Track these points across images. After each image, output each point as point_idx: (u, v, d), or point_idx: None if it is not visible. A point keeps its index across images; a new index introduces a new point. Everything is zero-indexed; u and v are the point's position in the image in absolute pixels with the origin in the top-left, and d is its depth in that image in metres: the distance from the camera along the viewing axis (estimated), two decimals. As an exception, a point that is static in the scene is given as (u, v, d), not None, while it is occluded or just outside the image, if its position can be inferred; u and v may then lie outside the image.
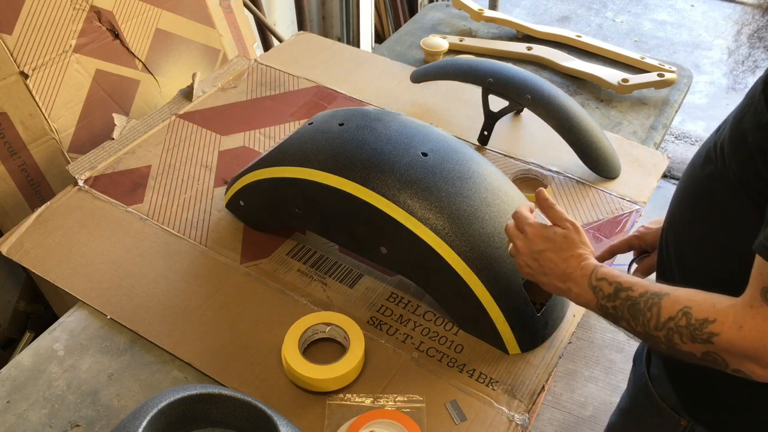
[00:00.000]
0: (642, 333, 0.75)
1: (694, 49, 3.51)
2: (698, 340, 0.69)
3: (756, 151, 0.68)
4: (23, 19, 1.39)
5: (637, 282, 0.77)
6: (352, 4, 2.67)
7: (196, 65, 1.76)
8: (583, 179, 1.37)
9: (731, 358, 0.68)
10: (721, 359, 0.69)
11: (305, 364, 0.97)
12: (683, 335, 0.70)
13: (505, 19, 1.87)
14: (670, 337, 0.72)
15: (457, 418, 0.95)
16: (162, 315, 1.08)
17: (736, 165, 0.71)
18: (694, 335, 0.69)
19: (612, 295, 0.78)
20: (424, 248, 1.00)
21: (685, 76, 1.76)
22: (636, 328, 0.76)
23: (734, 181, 0.72)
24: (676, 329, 0.71)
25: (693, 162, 0.83)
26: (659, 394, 0.94)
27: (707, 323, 0.68)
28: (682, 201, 0.84)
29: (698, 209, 0.80)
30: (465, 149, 1.10)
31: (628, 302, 0.76)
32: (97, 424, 0.95)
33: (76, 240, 1.21)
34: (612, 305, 0.78)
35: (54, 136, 1.47)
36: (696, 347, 0.70)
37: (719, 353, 0.69)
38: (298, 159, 1.10)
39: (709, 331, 0.68)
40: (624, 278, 0.78)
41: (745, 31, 0.73)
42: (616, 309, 0.77)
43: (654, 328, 0.73)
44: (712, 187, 0.77)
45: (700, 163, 0.80)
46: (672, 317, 0.71)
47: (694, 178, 0.81)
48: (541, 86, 1.34)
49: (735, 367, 0.69)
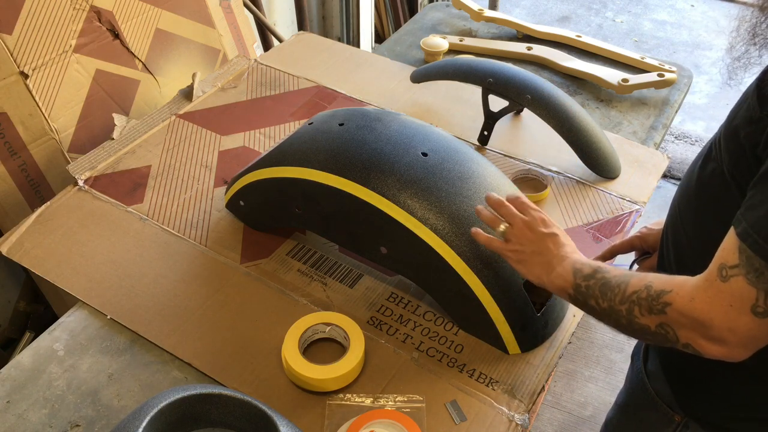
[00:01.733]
0: (606, 309, 0.79)
1: (694, 49, 3.51)
2: (654, 310, 0.73)
3: (747, 145, 0.70)
4: (23, 19, 1.39)
5: (615, 268, 0.83)
6: (352, 4, 2.67)
7: (196, 65, 1.76)
8: (583, 179, 1.37)
9: (681, 330, 0.71)
10: (672, 332, 0.72)
11: (305, 364, 0.97)
12: (642, 307, 0.74)
13: (505, 19, 1.87)
14: (630, 309, 0.76)
15: (457, 418, 0.95)
16: (162, 315, 1.08)
17: (729, 160, 0.73)
18: (651, 306, 0.73)
19: (589, 275, 0.83)
20: (424, 248, 1.00)
21: (685, 76, 1.76)
22: (602, 305, 0.80)
23: (728, 176, 0.74)
24: (637, 301, 0.75)
25: (694, 162, 0.84)
26: (655, 390, 0.96)
27: (664, 293, 0.72)
28: (683, 200, 0.85)
29: (699, 208, 0.80)
30: (465, 149, 1.10)
31: (601, 281, 0.81)
32: (97, 424, 0.95)
33: (76, 240, 1.21)
34: (586, 284, 0.82)
35: (54, 136, 1.47)
36: (651, 319, 0.74)
37: (671, 324, 0.72)
38: (298, 159, 1.10)
39: (664, 300, 0.72)
40: (604, 264, 0.84)
41: (743, 28, 0.74)
42: (588, 288, 0.82)
43: (619, 302, 0.77)
44: (712, 186, 0.78)
45: (700, 162, 0.81)
46: (636, 291, 0.76)
47: (695, 177, 0.82)
48: (541, 86, 1.34)
49: (684, 341, 0.72)
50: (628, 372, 1.08)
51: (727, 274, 0.67)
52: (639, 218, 1.30)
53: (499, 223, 0.94)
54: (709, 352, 0.70)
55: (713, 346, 0.69)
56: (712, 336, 0.69)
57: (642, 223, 1.09)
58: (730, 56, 0.76)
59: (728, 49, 0.76)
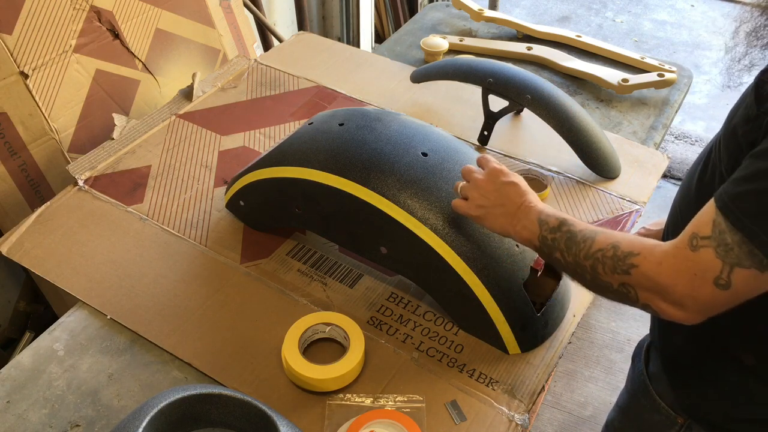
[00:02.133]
0: (571, 263, 0.80)
1: (694, 49, 3.51)
2: (618, 270, 0.74)
3: (744, 143, 0.71)
4: (23, 19, 1.39)
5: (581, 222, 0.83)
6: (352, 4, 2.67)
7: (196, 65, 1.76)
8: (583, 179, 1.37)
9: (643, 291, 0.73)
10: (633, 292, 0.74)
11: (305, 364, 0.97)
12: (606, 265, 0.76)
13: (505, 19, 1.87)
14: (594, 266, 0.77)
15: (457, 418, 0.95)
16: (162, 315, 1.08)
17: (728, 159, 0.74)
18: (615, 266, 0.75)
19: (555, 228, 0.84)
20: (424, 248, 1.00)
21: (685, 76, 1.76)
22: (567, 258, 0.81)
23: (726, 176, 0.74)
24: (602, 259, 0.76)
25: (695, 163, 0.84)
26: (657, 392, 0.95)
27: (631, 255, 0.73)
28: (683, 201, 0.85)
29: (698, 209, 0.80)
30: (465, 149, 1.10)
31: (567, 234, 0.82)
32: (97, 424, 0.95)
33: (76, 240, 1.21)
34: (552, 237, 0.83)
35: (54, 136, 1.47)
36: (614, 278, 0.75)
37: (633, 285, 0.73)
38: (298, 159, 1.10)
39: (630, 262, 0.73)
40: (570, 217, 0.85)
41: (742, 29, 0.74)
42: (554, 240, 0.83)
43: (583, 257, 0.78)
44: (713, 187, 0.77)
45: (701, 162, 0.81)
46: (601, 248, 0.77)
47: (695, 179, 0.82)
48: (541, 86, 1.34)
49: (644, 301, 0.73)
50: (629, 373, 1.08)
51: (697, 244, 0.68)
52: (639, 218, 1.30)
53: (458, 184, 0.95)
54: (666, 314, 0.72)
55: (672, 309, 0.71)
56: (672, 300, 0.70)
57: (642, 223, 1.09)
58: (730, 58, 0.76)
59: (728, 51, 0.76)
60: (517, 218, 0.89)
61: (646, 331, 1.02)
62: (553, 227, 0.84)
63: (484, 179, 0.92)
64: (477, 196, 0.92)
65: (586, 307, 1.13)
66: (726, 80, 0.79)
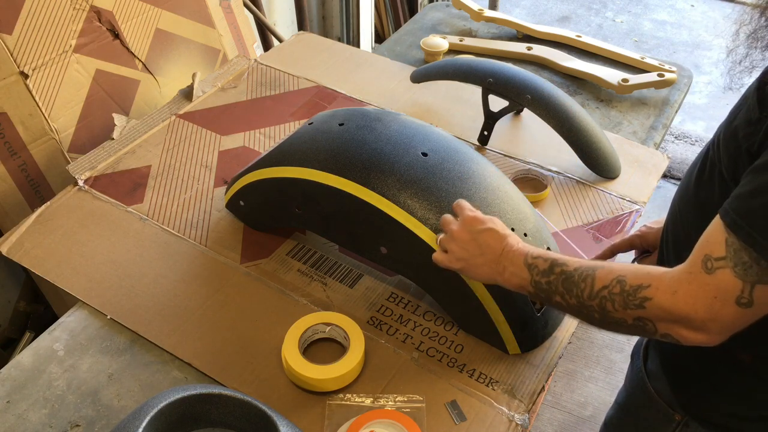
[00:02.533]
0: (575, 305, 0.77)
1: (694, 49, 3.51)
2: (630, 305, 0.71)
3: (744, 146, 0.70)
4: (23, 19, 1.39)
5: (571, 258, 0.80)
6: (352, 4, 2.67)
7: (196, 65, 1.76)
8: (583, 179, 1.37)
9: (661, 323, 0.70)
10: (651, 325, 0.71)
11: (305, 364, 0.97)
12: (616, 302, 0.73)
13: (505, 19, 1.87)
14: (602, 305, 0.74)
15: (457, 418, 0.95)
16: (162, 315, 1.08)
17: (728, 161, 0.73)
18: (627, 301, 0.72)
19: (547, 271, 0.80)
20: (424, 248, 1.00)
21: (685, 76, 1.76)
22: (569, 301, 0.77)
23: (726, 177, 0.74)
24: (609, 297, 0.73)
25: (694, 162, 0.84)
26: (655, 390, 0.96)
27: (641, 288, 0.70)
28: (682, 201, 0.85)
29: (698, 208, 0.81)
30: (465, 149, 1.10)
31: (562, 276, 0.78)
32: (97, 424, 0.95)
33: (76, 240, 1.21)
34: (546, 280, 0.80)
35: (54, 136, 1.47)
36: (628, 314, 0.72)
37: (650, 318, 0.71)
38: (298, 159, 1.10)
39: (642, 296, 0.70)
40: (558, 255, 0.81)
41: (743, 31, 0.74)
42: (550, 284, 0.79)
43: (588, 297, 0.75)
44: (711, 186, 0.78)
45: (699, 163, 0.81)
46: (606, 285, 0.73)
47: (694, 178, 0.82)
48: (541, 86, 1.34)
49: (664, 331, 0.71)
50: (628, 371, 1.08)
51: (712, 266, 0.66)
52: (639, 218, 1.30)
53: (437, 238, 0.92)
54: (688, 340, 0.70)
55: (694, 335, 0.69)
56: (694, 326, 0.68)
57: (642, 223, 1.09)
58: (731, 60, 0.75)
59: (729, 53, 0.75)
60: (503, 266, 0.85)
61: (646, 331, 1.02)
62: (545, 270, 0.80)
63: (459, 230, 0.88)
64: (456, 248, 0.88)
65: (586, 307, 1.13)
66: (728, 82, 0.78)
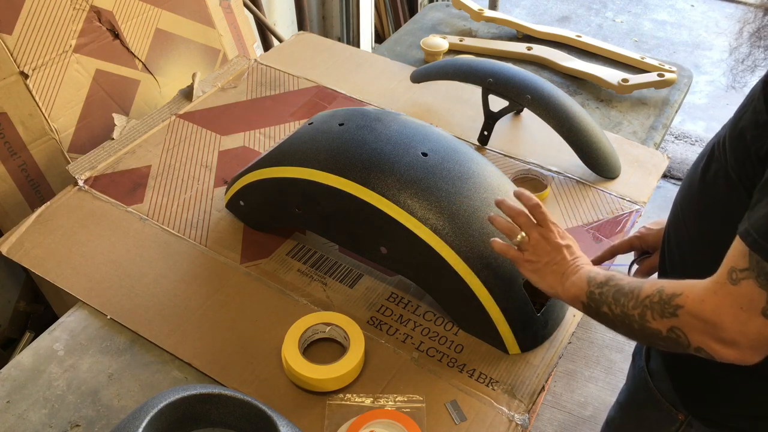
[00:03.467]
0: (619, 315, 0.79)
1: (694, 49, 3.51)
2: (666, 314, 0.73)
3: (753, 148, 0.70)
4: (23, 19, 1.39)
5: (627, 276, 0.83)
6: (352, 4, 2.67)
7: (196, 65, 1.76)
8: (583, 179, 1.37)
9: (693, 334, 0.71)
10: (683, 336, 0.72)
11: (305, 364, 0.97)
12: (654, 311, 0.74)
13: (505, 19, 1.87)
14: (643, 314, 0.76)
15: (457, 418, 0.95)
16: (162, 315, 1.08)
17: (735, 162, 0.73)
18: (663, 309, 0.73)
19: (603, 283, 0.83)
20: (424, 248, 1.00)
21: (685, 76, 1.76)
22: (615, 311, 0.80)
23: (734, 178, 0.74)
24: (650, 305, 0.75)
25: (696, 162, 0.84)
26: (658, 389, 0.96)
27: (675, 296, 0.72)
28: (685, 201, 0.85)
29: (703, 209, 0.81)
30: (465, 149, 1.10)
31: (614, 288, 0.81)
32: (97, 424, 0.95)
33: (76, 240, 1.21)
34: (599, 291, 0.82)
35: (54, 136, 1.47)
36: (663, 323, 0.74)
37: (682, 328, 0.72)
38: (298, 159, 1.10)
39: (675, 303, 0.72)
40: (617, 273, 0.84)
41: (746, 30, 0.74)
42: (602, 294, 0.82)
43: (632, 307, 0.77)
44: (715, 186, 0.77)
45: (702, 162, 0.81)
46: (648, 295, 0.76)
47: (697, 178, 0.82)
48: (541, 86, 1.34)
49: (696, 344, 0.72)
50: (630, 371, 1.08)
51: (737, 277, 0.67)
52: (639, 218, 1.30)
53: (516, 233, 0.93)
54: (721, 356, 0.70)
55: (725, 349, 0.69)
56: (723, 338, 0.68)
57: (642, 223, 1.09)
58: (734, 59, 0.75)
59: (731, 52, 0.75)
60: (567, 276, 0.89)
61: (646, 331, 1.02)
62: (601, 282, 0.83)
63: (541, 238, 0.92)
64: (533, 251, 0.92)
65: (586, 307, 1.13)
66: (730, 81, 0.78)
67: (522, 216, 0.93)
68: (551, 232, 0.92)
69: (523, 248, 0.93)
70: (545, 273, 0.91)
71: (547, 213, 0.94)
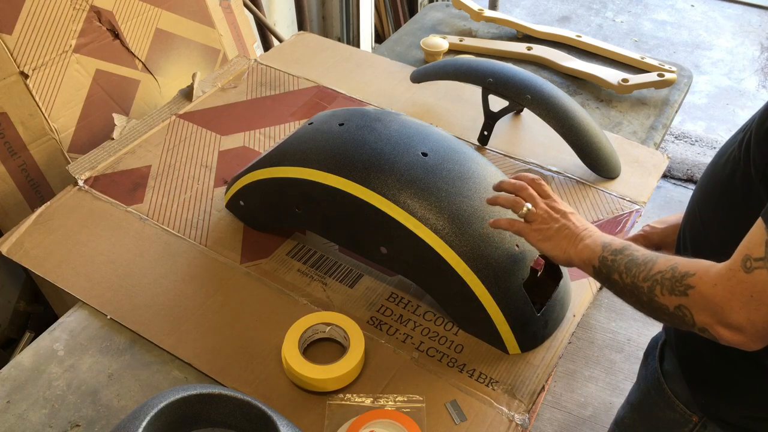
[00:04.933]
0: (629, 284, 0.80)
1: (694, 49, 3.52)
2: (676, 291, 0.73)
3: None
4: (23, 19, 1.39)
5: (643, 249, 0.83)
6: (352, 4, 2.67)
7: (196, 65, 1.76)
8: (583, 179, 1.37)
9: (700, 314, 0.72)
10: (690, 315, 0.73)
11: (305, 364, 0.97)
12: (665, 287, 0.75)
13: (505, 19, 1.87)
14: (653, 288, 0.76)
15: (457, 418, 0.95)
16: (162, 315, 1.08)
17: (761, 161, 0.73)
18: (673, 287, 0.74)
19: (618, 251, 0.83)
20: (424, 248, 1.00)
21: (685, 76, 1.76)
22: (625, 280, 0.80)
23: (755, 177, 0.73)
24: (661, 281, 0.75)
25: (714, 162, 0.84)
26: (672, 390, 0.95)
27: (687, 276, 0.73)
28: (702, 200, 0.85)
29: (719, 208, 0.80)
30: (465, 149, 1.10)
31: (628, 257, 0.81)
32: (97, 424, 0.95)
33: (76, 240, 1.21)
34: (612, 258, 0.83)
35: (54, 136, 1.47)
36: (672, 300, 0.74)
37: (690, 308, 0.72)
38: (298, 159, 1.10)
39: (687, 283, 0.72)
40: (633, 244, 0.85)
41: None
42: (614, 261, 0.82)
43: (642, 279, 0.78)
44: (734, 186, 0.77)
45: (722, 162, 0.81)
46: (661, 270, 0.76)
47: (715, 177, 0.82)
48: (541, 86, 1.34)
49: (701, 325, 0.72)
50: (641, 371, 1.07)
51: (751, 266, 0.67)
52: (639, 218, 1.30)
53: (521, 206, 0.94)
54: (724, 339, 0.70)
55: (729, 334, 0.70)
56: (729, 324, 0.69)
57: (642, 224, 1.09)
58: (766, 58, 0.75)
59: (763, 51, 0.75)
60: (580, 238, 0.89)
61: (646, 332, 1.02)
62: (616, 249, 0.84)
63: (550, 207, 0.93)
64: (541, 220, 0.93)
65: (586, 307, 1.13)
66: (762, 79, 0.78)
67: (525, 189, 0.94)
68: (556, 201, 0.94)
69: (529, 219, 0.93)
70: (558, 238, 0.91)
71: (546, 187, 0.96)
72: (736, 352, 0.83)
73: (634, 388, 1.09)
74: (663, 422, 0.99)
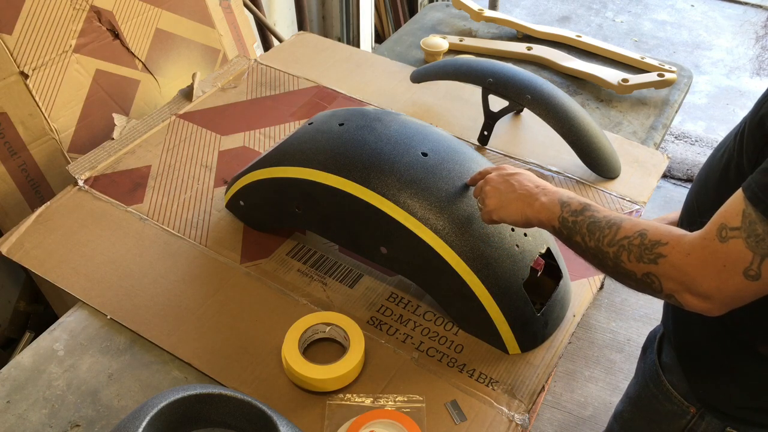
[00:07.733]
0: (593, 249, 0.79)
1: (694, 49, 3.51)
2: (644, 259, 0.73)
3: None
4: (23, 19, 1.39)
5: (604, 208, 0.82)
6: (352, 4, 2.67)
7: (196, 65, 1.76)
8: (583, 179, 1.37)
9: (668, 282, 0.71)
10: (657, 282, 0.72)
11: (305, 364, 0.97)
12: (632, 253, 0.74)
13: (505, 19, 1.88)
14: (618, 254, 0.75)
15: (457, 418, 0.95)
16: (162, 315, 1.08)
17: (753, 151, 0.73)
18: (642, 254, 0.73)
19: (578, 211, 0.82)
20: (424, 248, 1.00)
21: (685, 76, 1.76)
22: (588, 243, 0.79)
23: (747, 167, 0.74)
24: (628, 247, 0.74)
25: (712, 155, 0.85)
26: (669, 382, 0.96)
27: (659, 245, 0.72)
28: (699, 191, 0.85)
29: (716, 198, 0.81)
30: (465, 149, 1.10)
31: (590, 219, 0.80)
32: (97, 424, 0.95)
33: (76, 240, 1.21)
34: (573, 219, 0.82)
35: (54, 136, 1.47)
36: (639, 267, 0.73)
37: (659, 276, 0.72)
38: (298, 159, 1.10)
39: (658, 252, 0.72)
40: (592, 203, 0.83)
41: None
42: (576, 223, 0.81)
43: (607, 244, 0.77)
44: (729, 176, 0.78)
45: (718, 155, 0.82)
46: (627, 236, 0.75)
47: (712, 169, 0.82)
48: (541, 86, 1.34)
49: (668, 292, 0.72)
50: (639, 364, 1.08)
51: (726, 235, 0.67)
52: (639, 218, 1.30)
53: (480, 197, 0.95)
54: (690, 305, 0.71)
55: (696, 301, 0.70)
56: (698, 292, 0.69)
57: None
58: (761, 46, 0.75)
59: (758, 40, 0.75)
60: (535, 197, 0.87)
61: (646, 332, 1.02)
62: (576, 210, 0.82)
63: (493, 175, 0.93)
64: (489, 189, 0.92)
65: (586, 307, 1.13)
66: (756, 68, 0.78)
67: (477, 175, 0.97)
68: (499, 168, 0.94)
69: (483, 197, 0.94)
70: (509, 201, 0.90)
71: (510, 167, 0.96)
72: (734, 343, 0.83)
73: (632, 382, 1.10)
74: (661, 414, 0.99)
